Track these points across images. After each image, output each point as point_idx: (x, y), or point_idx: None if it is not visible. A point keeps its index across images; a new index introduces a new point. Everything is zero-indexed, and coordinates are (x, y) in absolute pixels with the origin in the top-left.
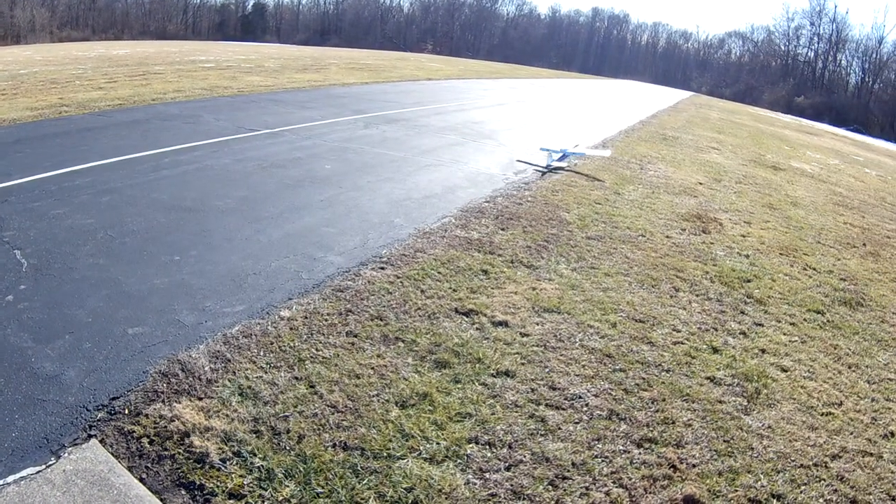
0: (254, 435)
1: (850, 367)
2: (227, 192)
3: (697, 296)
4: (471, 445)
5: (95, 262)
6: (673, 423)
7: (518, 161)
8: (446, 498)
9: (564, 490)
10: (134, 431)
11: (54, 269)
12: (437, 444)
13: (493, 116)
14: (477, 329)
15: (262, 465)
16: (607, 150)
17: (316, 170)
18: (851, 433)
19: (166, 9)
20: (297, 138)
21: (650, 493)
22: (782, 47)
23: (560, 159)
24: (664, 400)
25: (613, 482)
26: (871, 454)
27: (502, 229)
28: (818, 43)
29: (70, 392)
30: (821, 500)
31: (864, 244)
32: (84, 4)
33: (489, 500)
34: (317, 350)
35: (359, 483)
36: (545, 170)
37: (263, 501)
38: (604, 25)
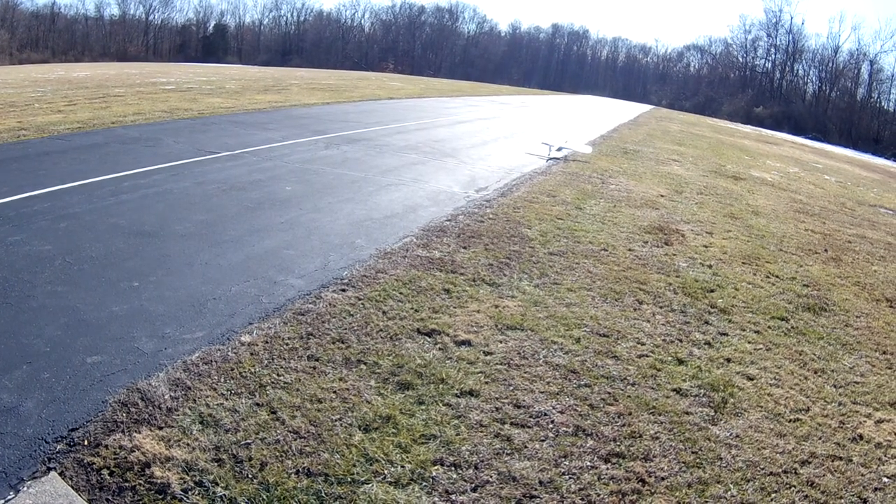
0: (215, 464)
1: (815, 373)
2: (187, 216)
3: (661, 308)
4: (436, 467)
5: (53, 290)
6: (640, 436)
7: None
8: None
9: None
10: (94, 463)
11: (11, 298)
12: (402, 467)
13: (455, 135)
14: (440, 349)
15: (224, 495)
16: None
17: (276, 192)
18: (820, 438)
19: (127, 30)
20: (258, 160)
21: None
22: (740, 59)
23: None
24: (630, 414)
25: (582, 499)
26: (841, 458)
27: (464, 247)
28: (775, 54)
29: (28, 424)
30: None
31: (826, 250)
32: (44, 26)
33: None
34: (278, 375)
35: None
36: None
37: None
38: (564, 41)
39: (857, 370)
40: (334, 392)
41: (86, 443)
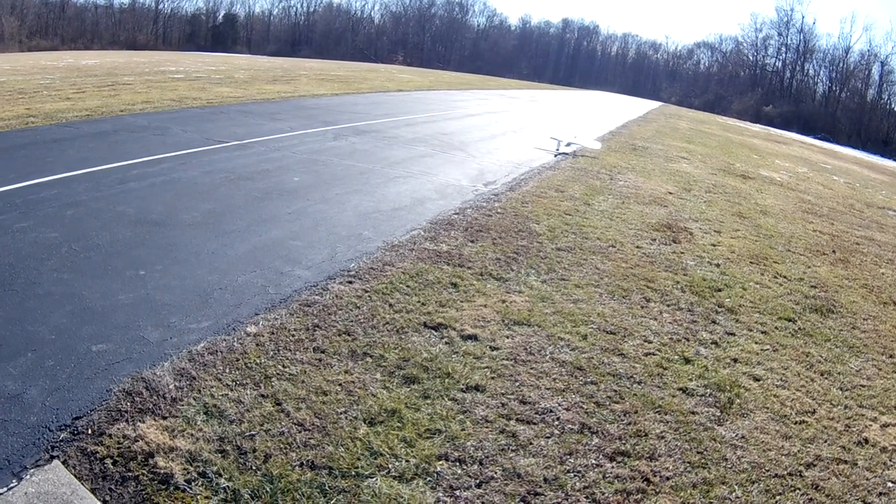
0: (219, 455)
1: (822, 375)
2: (195, 205)
3: (668, 306)
4: (441, 462)
5: (59, 277)
6: (645, 435)
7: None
8: None
9: None
10: (97, 452)
11: (17, 285)
12: (407, 461)
13: (464, 128)
14: (446, 343)
15: (227, 486)
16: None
17: (284, 182)
18: (825, 441)
19: (136, 19)
20: (266, 150)
21: None
22: (750, 57)
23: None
24: (636, 412)
25: (586, 497)
26: (846, 462)
27: (471, 241)
28: (786, 53)
29: (32, 412)
30: None
31: (834, 251)
32: (53, 13)
33: None
34: (283, 367)
35: (327, 503)
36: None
37: None
38: (574, 36)
39: (863, 373)
40: (340, 385)
41: (89, 431)
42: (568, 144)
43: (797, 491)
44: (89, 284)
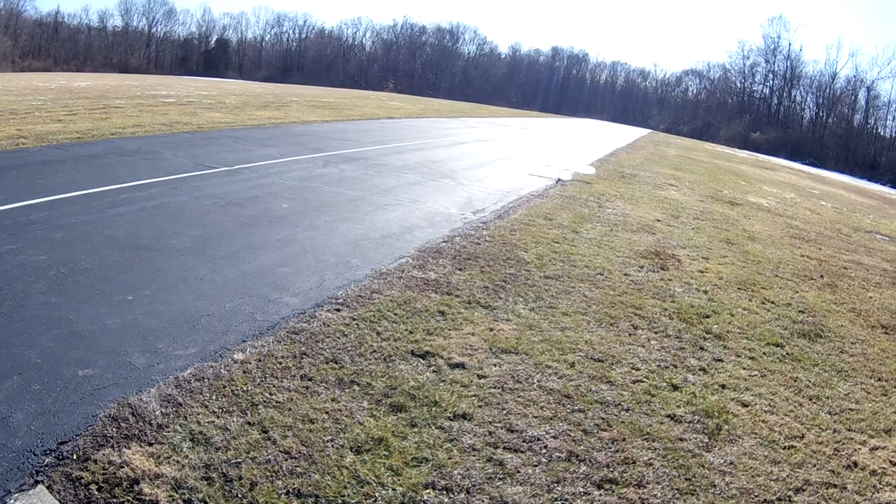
0: (205, 482)
1: (810, 399)
2: (183, 231)
3: (656, 333)
4: (428, 491)
5: (47, 301)
6: (633, 462)
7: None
8: None
9: None
10: (82, 478)
11: (4, 307)
12: (394, 490)
13: (453, 156)
14: (433, 371)
15: None
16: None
17: (273, 209)
18: (814, 465)
19: (129, 42)
20: (256, 176)
21: None
22: (738, 84)
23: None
24: (624, 439)
25: None
26: (835, 486)
27: (460, 269)
28: (773, 79)
29: (17, 436)
30: None
31: (822, 276)
32: (47, 35)
33: None
34: (270, 394)
35: None
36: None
37: None
38: (563, 64)
39: (852, 397)
40: (327, 412)
41: (75, 457)
42: (557, 172)
43: None
44: (77, 308)
